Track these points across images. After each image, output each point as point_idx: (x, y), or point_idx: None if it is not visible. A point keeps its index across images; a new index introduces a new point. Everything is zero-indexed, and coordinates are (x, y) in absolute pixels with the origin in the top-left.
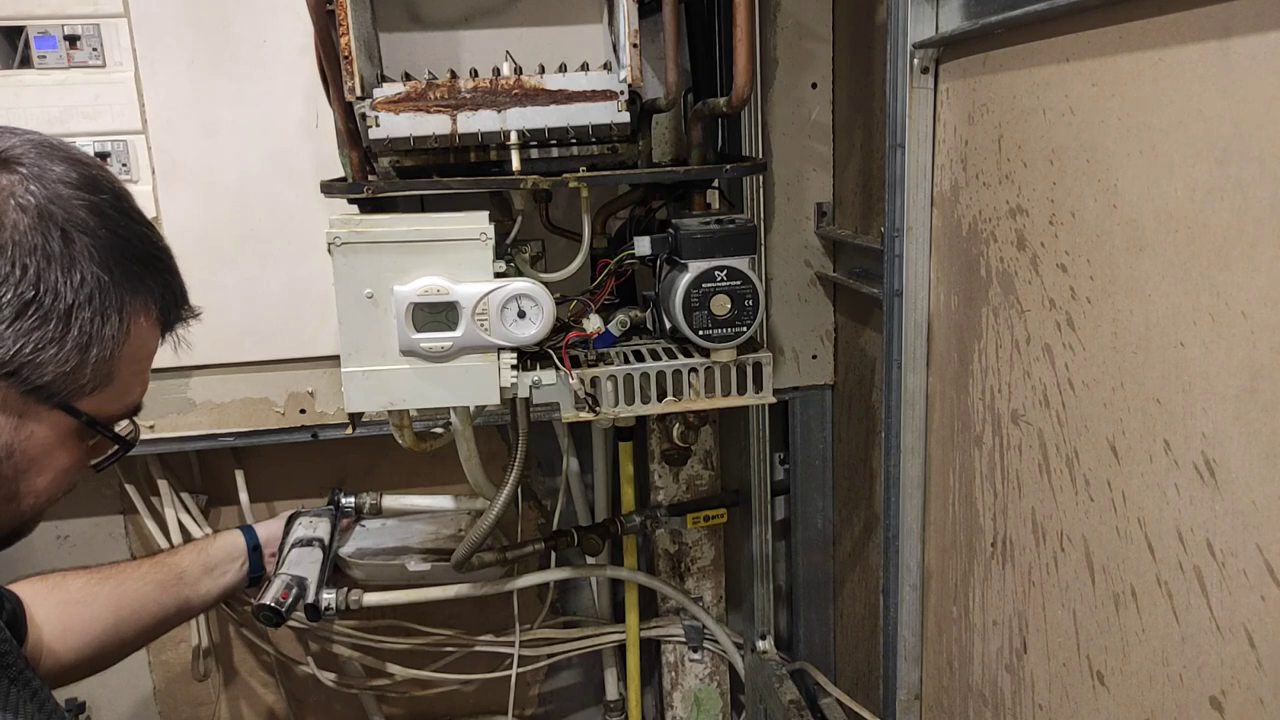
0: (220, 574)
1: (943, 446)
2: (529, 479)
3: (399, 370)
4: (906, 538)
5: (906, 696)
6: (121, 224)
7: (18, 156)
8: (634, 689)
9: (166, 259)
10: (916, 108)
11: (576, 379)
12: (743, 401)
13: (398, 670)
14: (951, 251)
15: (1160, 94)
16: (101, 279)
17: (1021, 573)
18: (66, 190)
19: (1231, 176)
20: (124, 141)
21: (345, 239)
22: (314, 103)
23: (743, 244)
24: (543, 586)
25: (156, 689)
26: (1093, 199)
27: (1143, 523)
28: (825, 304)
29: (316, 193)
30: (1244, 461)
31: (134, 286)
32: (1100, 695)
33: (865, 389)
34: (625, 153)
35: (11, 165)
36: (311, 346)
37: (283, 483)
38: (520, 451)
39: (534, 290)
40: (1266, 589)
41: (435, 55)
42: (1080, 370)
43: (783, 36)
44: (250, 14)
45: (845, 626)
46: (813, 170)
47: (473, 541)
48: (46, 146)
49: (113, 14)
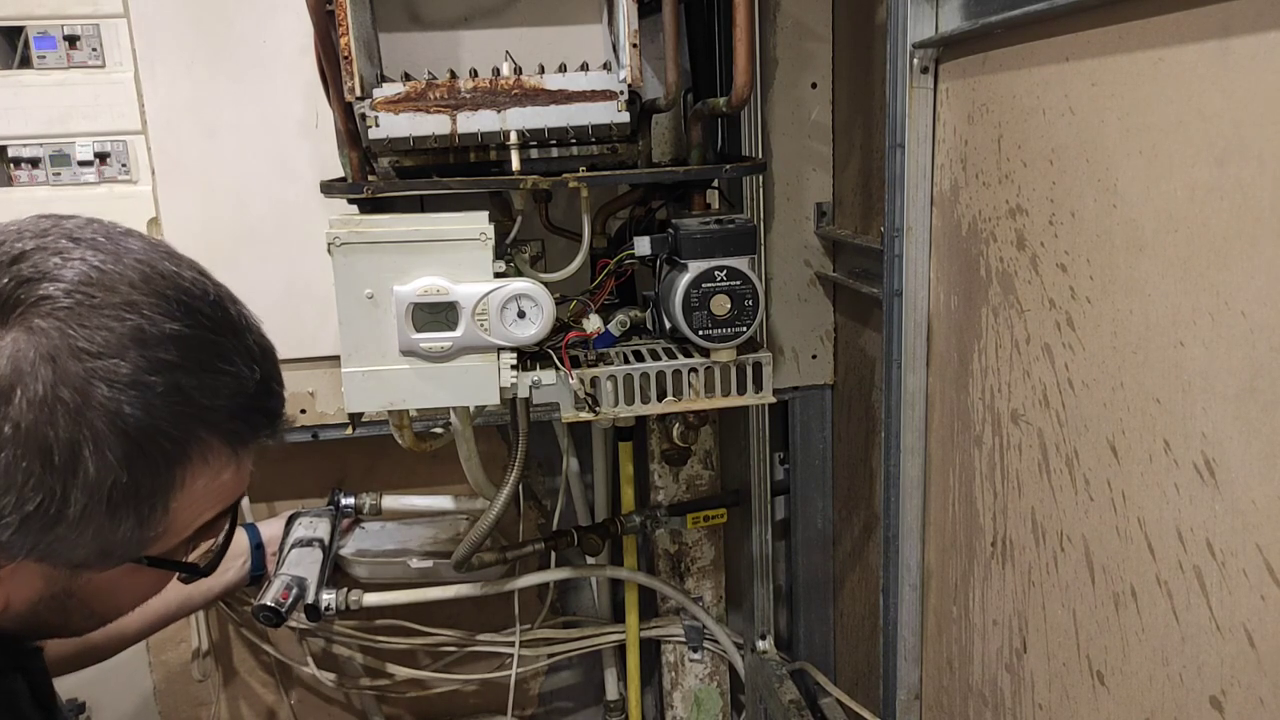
0: (221, 571)
1: (943, 446)
2: (529, 479)
3: (399, 370)
4: (906, 537)
5: (906, 696)
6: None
7: (54, 299)
8: (634, 689)
9: (252, 387)
10: (916, 108)
11: (576, 379)
12: (743, 401)
13: (398, 670)
14: (951, 251)
15: (1160, 94)
16: (119, 480)
17: (1021, 572)
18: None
19: (1231, 176)
20: (124, 141)
21: (345, 239)
22: (314, 103)
23: (743, 244)
24: (543, 586)
25: (156, 689)
26: (1092, 199)
27: (1143, 522)
28: (825, 304)
29: (316, 193)
30: (1244, 461)
31: (180, 449)
32: (1100, 695)
33: (865, 389)
34: (625, 153)
35: (33, 315)
36: (311, 346)
37: (283, 483)
38: (520, 451)
39: (534, 290)
40: (1266, 589)
41: (435, 55)
42: (1080, 370)
43: (783, 36)
44: (250, 14)
45: (845, 626)
46: (813, 170)
47: (473, 541)
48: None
49: (112, 14)
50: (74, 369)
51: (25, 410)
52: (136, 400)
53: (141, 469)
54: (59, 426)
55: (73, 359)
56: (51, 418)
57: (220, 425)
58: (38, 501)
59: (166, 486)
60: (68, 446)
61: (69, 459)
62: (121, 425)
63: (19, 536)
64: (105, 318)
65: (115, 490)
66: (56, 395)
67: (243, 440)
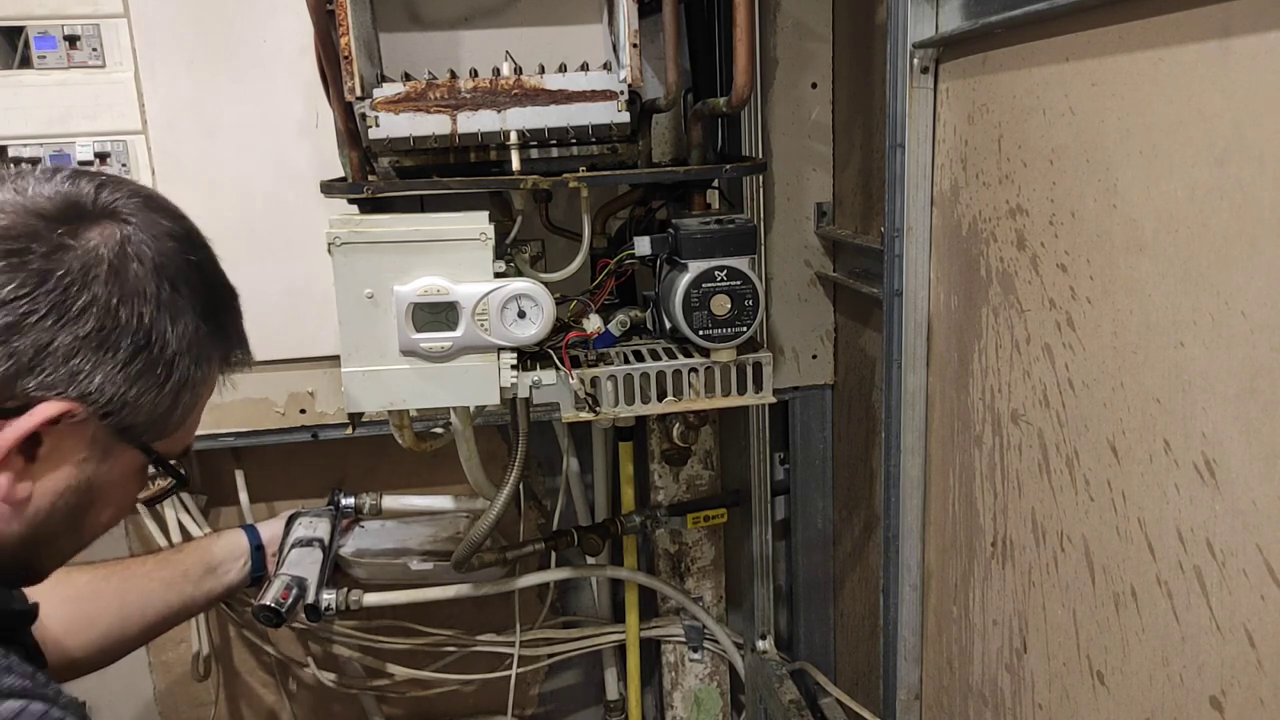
0: (223, 573)
1: (943, 446)
2: (529, 479)
3: (399, 370)
4: (906, 538)
5: (906, 696)
6: (212, 277)
7: (131, 210)
8: (634, 689)
9: (237, 307)
10: (916, 108)
11: (576, 379)
12: (743, 401)
13: (398, 670)
14: (951, 251)
15: (1160, 94)
16: (200, 328)
17: (1021, 572)
18: (171, 244)
19: (1231, 176)
20: (124, 141)
21: (345, 239)
22: (314, 103)
23: (743, 244)
24: (543, 586)
25: (157, 689)
26: (1092, 199)
27: (1143, 523)
28: (825, 304)
29: (316, 193)
30: (1244, 461)
31: (215, 336)
32: (1100, 695)
33: (865, 389)
34: (625, 153)
35: (123, 218)
36: (311, 346)
37: (283, 483)
38: (520, 451)
39: (534, 290)
40: (1266, 589)
41: (435, 55)
42: (1080, 370)
43: (783, 36)
44: (250, 14)
45: (845, 626)
46: (813, 170)
47: (473, 541)
48: (152, 200)
49: (112, 14)
50: (168, 245)
51: (140, 266)
52: (203, 279)
53: (211, 328)
54: (166, 270)
55: (165, 237)
56: (159, 277)
57: (233, 331)
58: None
59: (214, 363)
60: (170, 293)
61: (172, 304)
62: (200, 290)
63: (121, 374)
64: (169, 219)
65: (198, 342)
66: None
67: (229, 357)
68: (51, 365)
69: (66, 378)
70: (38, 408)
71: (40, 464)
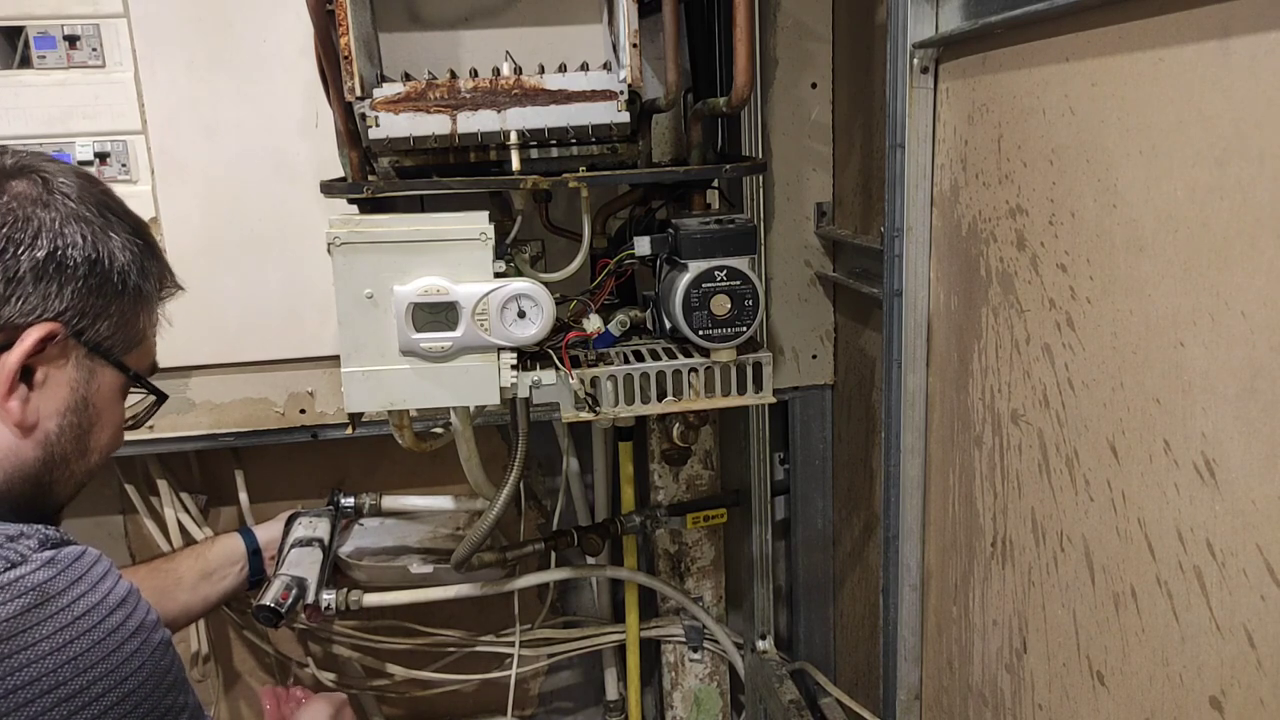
0: (219, 579)
1: (943, 446)
2: (529, 479)
3: (399, 370)
4: (906, 538)
5: (906, 696)
6: (125, 206)
7: (41, 165)
8: (634, 689)
9: (154, 239)
10: (916, 108)
11: (576, 379)
12: (743, 401)
13: (398, 670)
14: (951, 251)
15: (1160, 94)
16: (137, 244)
17: (1021, 573)
18: (83, 180)
19: (1231, 176)
20: (124, 141)
21: (345, 239)
22: (314, 103)
23: (743, 244)
24: (543, 586)
25: None
26: (1092, 199)
27: (1143, 523)
28: (825, 304)
29: (316, 193)
30: (1244, 461)
31: (149, 253)
32: (1100, 695)
33: (865, 389)
34: (625, 153)
35: (37, 169)
36: (311, 346)
37: (283, 483)
38: (520, 451)
39: (534, 290)
40: (1266, 589)
41: (435, 55)
42: (1080, 370)
43: (783, 36)
44: (250, 14)
45: (845, 626)
46: (813, 170)
47: (473, 541)
48: (45, 155)
49: (112, 14)
50: (82, 182)
51: (66, 197)
52: (118, 210)
53: (145, 247)
54: (91, 196)
55: (75, 175)
56: (86, 203)
57: (163, 267)
58: (95, 255)
59: (148, 295)
60: (101, 215)
61: (106, 224)
62: (124, 216)
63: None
64: (68, 166)
65: (139, 256)
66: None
67: (163, 281)
68: (23, 292)
69: (40, 301)
70: (27, 332)
71: (39, 390)
